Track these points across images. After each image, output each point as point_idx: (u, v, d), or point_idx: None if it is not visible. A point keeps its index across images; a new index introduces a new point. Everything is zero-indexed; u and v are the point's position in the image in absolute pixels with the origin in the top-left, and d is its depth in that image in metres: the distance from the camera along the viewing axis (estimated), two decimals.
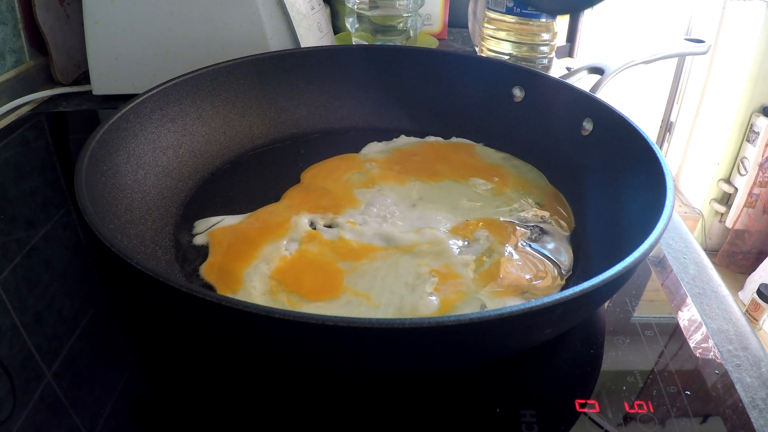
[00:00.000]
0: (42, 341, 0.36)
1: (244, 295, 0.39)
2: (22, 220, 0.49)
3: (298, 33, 0.69)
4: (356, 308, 0.38)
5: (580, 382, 0.35)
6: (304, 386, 0.34)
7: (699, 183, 2.01)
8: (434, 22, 0.96)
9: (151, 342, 0.38)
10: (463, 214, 0.48)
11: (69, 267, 0.44)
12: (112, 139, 0.45)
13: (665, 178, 0.38)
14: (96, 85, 0.69)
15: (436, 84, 0.62)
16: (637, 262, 0.30)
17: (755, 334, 0.39)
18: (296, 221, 0.46)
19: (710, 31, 1.84)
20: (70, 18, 0.76)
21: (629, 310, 0.40)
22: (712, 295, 0.43)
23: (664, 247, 0.48)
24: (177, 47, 0.67)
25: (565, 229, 0.47)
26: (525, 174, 0.54)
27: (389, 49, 0.65)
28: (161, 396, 0.34)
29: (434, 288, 0.39)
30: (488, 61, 0.65)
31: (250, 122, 0.59)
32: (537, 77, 0.57)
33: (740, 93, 1.78)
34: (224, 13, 0.67)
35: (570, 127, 0.53)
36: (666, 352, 0.36)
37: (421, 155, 0.57)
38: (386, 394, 0.33)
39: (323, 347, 0.29)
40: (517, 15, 0.71)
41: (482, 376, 0.34)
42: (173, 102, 0.52)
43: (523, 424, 0.31)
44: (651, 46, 0.63)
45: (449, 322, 0.26)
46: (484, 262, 0.42)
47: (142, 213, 0.45)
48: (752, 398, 0.34)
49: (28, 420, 0.31)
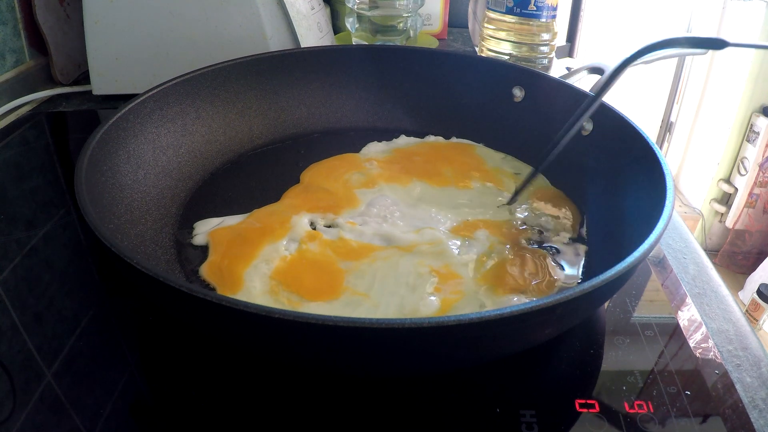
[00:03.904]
0: (42, 341, 0.36)
1: (244, 295, 0.39)
2: (22, 220, 0.49)
3: (298, 33, 0.69)
4: (356, 308, 0.38)
5: (580, 382, 0.35)
6: (304, 386, 0.34)
7: (699, 183, 2.01)
8: (434, 22, 0.96)
9: (151, 342, 0.38)
10: (463, 214, 0.48)
11: (69, 267, 0.44)
12: (112, 139, 0.45)
13: (665, 178, 0.38)
14: (96, 85, 0.69)
15: (436, 84, 0.62)
16: (636, 263, 0.30)
17: (755, 334, 0.39)
18: (296, 221, 0.46)
19: (710, 31, 1.84)
20: (70, 18, 0.76)
21: (629, 310, 0.40)
22: (712, 295, 0.43)
23: (664, 247, 0.48)
24: (177, 47, 0.67)
25: (566, 228, 0.47)
26: (525, 174, 0.54)
27: (389, 49, 0.65)
28: (161, 396, 0.34)
29: (434, 288, 0.39)
30: (488, 61, 0.65)
31: (250, 122, 0.59)
32: (537, 77, 0.57)
33: (740, 93, 1.78)
34: (224, 13, 0.67)
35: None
36: (666, 352, 0.36)
37: (421, 155, 0.57)
38: (386, 394, 0.33)
39: (323, 347, 0.29)
40: (517, 15, 0.71)
41: (482, 376, 0.34)
42: (173, 102, 0.52)
43: (523, 424, 0.31)
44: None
45: (449, 322, 0.26)
46: (485, 263, 0.42)
47: (142, 213, 0.45)
48: (752, 398, 0.34)
49: (28, 420, 0.31)
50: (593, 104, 0.45)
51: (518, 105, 0.58)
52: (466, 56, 0.67)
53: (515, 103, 0.58)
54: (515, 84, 0.58)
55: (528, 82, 0.57)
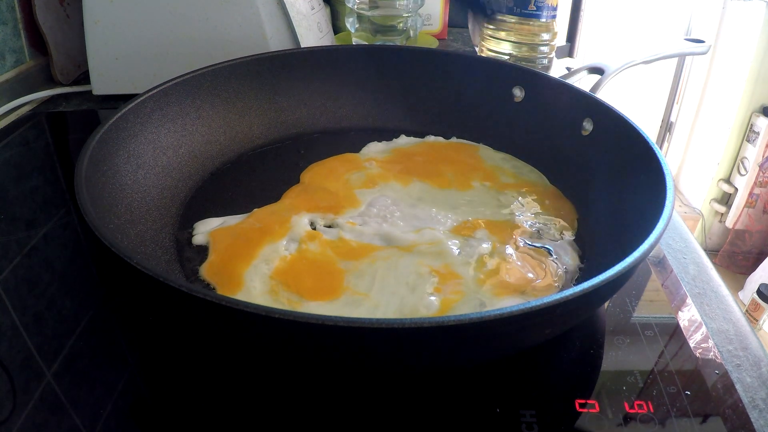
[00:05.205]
0: (42, 341, 0.36)
1: (244, 295, 0.39)
2: (22, 220, 0.49)
3: (298, 33, 0.69)
4: (356, 308, 0.38)
5: (580, 382, 0.35)
6: (304, 386, 0.34)
7: (699, 183, 2.01)
8: (434, 22, 0.96)
9: (151, 342, 0.38)
10: (463, 214, 0.48)
11: (69, 267, 0.44)
12: (112, 139, 0.45)
13: (665, 178, 0.38)
14: (96, 85, 0.69)
15: (436, 84, 0.62)
16: (636, 263, 0.30)
17: (755, 334, 0.39)
18: (296, 221, 0.46)
19: (710, 31, 1.84)
20: (70, 18, 0.76)
21: (629, 310, 0.40)
22: (712, 295, 0.43)
23: (664, 247, 0.48)
24: (177, 47, 0.67)
25: (566, 228, 0.47)
26: (525, 174, 0.54)
27: (389, 49, 0.65)
28: (161, 396, 0.34)
29: (434, 288, 0.39)
30: (488, 61, 0.65)
31: (250, 122, 0.59)
32: (537, 77, 0.57)
33: (740, 93, 1.78)
34: (224, 13, 0.67)
35: (570, 127, 0.53)
36: (666, 352, 0.36)
37: (421, 155, 0.57)
38: (386, 393, 0.33)
39: (323, 347, 0.29)
40: (517, 15, 0.71)
41: (482, 376, 0.34)
42: (173, 102, 0.52)
43: (523, 424, 0.31)
44: (651, 46, 0.63)
45: (449, 322, 0.26)
46: (485, 262, 0.42)
47: (142, 213, 0.44)
48: (752, 398, 0.34)
49: (28, 420, 0.31)
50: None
51: (518, 105, 0.58)
52: (466, 56, 0.67)
53: (515, 103, 0.58)
54: (515, 84, 0.58)
55: (528, 82, 0.57)
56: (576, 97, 0.53)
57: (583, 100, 0.52)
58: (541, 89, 0.56)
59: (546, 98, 0.56)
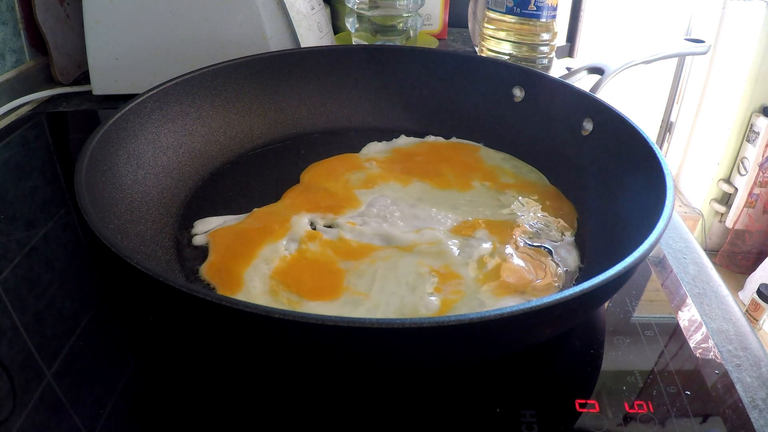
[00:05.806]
0: (42, 341, 0.36)
1: (244, 295, 0.39)
2: (22, 220, 0.49)
3: (298, 33, 0.69)
4: (356, 308, 0.38)
5: (580, 382, 0.35)
6: (305, 386, 0.34)
7: (699, 183, 2.01)
8: (434, 22, 0.96)
9: (151, 342, 0.38)
10: (463, 214, 0.48)
11: (69, 267, 0.44)
12: (112, 139, 0.45)
13: (665, 178, 0.38)
14: (96, 85, 0.69)
15: (436, 84, 0.62)
16: (636, 263, 0.30)
17: (755, 334, 0.39)
18: (296, 221, 0.46)
19: (710, 31, 1.84)
20: (70, 18, 0.76)
21: (629, 310, 0.40)
22: (712, 295, 0.43)
23: (664, 247, 0.48)
24: (177, 47, 0.67)
25: (566, 228, 0.47)
26: (525, 174, 0.54)
27: (389, 49, 0.64)
28: (161, 396, 0.34)
29: (434, 288, 0.39)
30: (488, 61, 0.65)
31: (250, 122, 0.59)
32: (537, 77, 0.57)
33: (740, 93, 1.78)
34: (224, 13, 0.67)
35: (570, 127, 0.53)
36: (666, 352, 0.36)
37: (421, 155, 0.57)
38: (386, 393, 0.33)
39: (324, 347, 0.29)
40: (517, 15, 0.71)
41: (482, 376, 0.34)
42: (173, 102, 0.52)
43: (523, 424, 0.31)
44: (651, 46, 0.63)
45: (449, 322, 0.26)
46: (485, 263, 0.42)
47: (142, 213, 0.44)
48: (752, 398, 0.34)
49: (28, 420, 0.31)
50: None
51: (518, 105, 0.58)
52: (466, 56, 0.67)
53: (515, 103, 0.58)
54: (515, 84, 0.58)
55: (528, 82, 0.57)
56: (576, 97, 0.53)
57: (583, 100, 0.52)
58: (541, 89, 0.56)
59: (546, 98, 0.56)
